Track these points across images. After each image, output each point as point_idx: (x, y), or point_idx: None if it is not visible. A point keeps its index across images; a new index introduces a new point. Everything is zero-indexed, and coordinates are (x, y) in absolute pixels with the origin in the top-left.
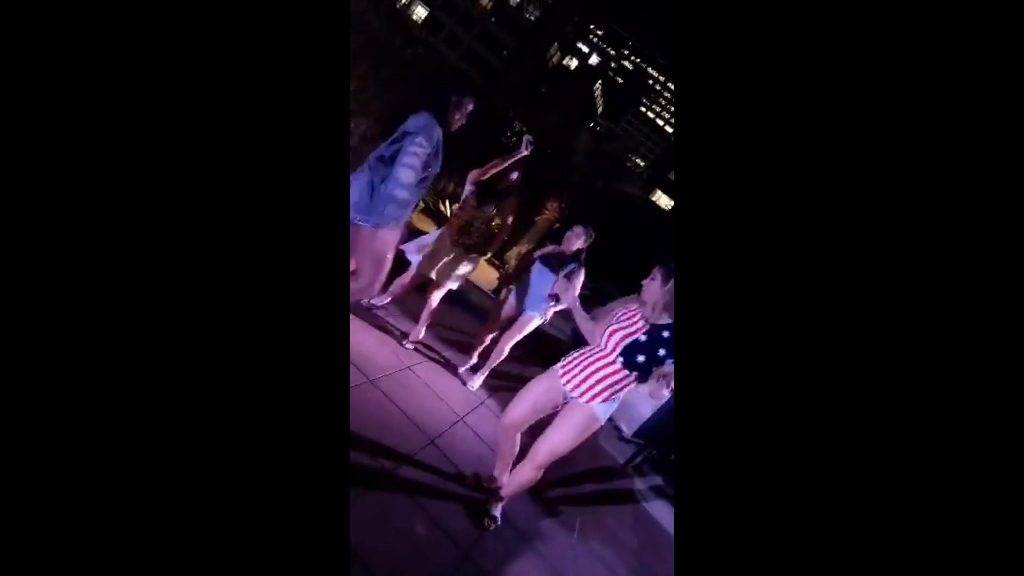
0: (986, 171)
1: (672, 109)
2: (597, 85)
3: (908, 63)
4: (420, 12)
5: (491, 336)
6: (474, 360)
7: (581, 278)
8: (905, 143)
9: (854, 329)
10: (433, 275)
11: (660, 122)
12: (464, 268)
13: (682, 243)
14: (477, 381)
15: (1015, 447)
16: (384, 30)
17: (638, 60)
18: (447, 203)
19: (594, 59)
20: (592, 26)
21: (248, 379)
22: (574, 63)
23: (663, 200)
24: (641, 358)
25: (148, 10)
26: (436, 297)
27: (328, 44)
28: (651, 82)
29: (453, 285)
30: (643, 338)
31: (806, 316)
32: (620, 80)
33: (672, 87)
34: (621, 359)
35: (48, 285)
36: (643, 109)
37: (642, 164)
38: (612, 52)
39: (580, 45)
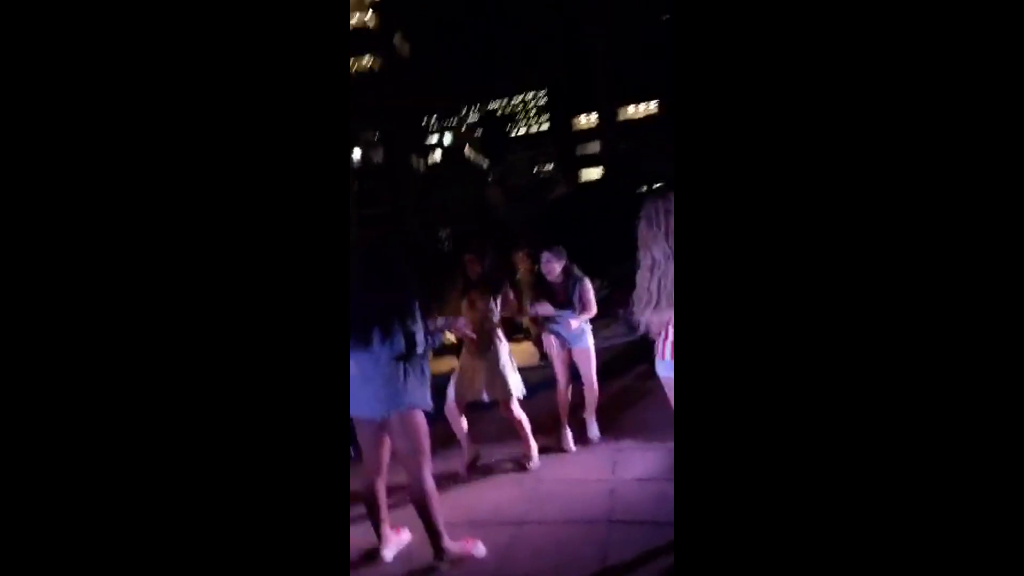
0: (985, 168)
1: (529, 113)
2: (466, 151)
3: (901, 50)
4: None
5: (568, 396)
6: (568, 430)
7: (589, 287)
8: (902, 136)
9: (855, 327)
10: (470, 394)
11: (534, 130)
12: (503, 362)
13: (683, 239)
14: (594, 429)
15: (1015, 447)
16: None
17: (474, 108)
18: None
19: (448, 139)
20: (424, 123)
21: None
22: (438, 154)
23: (593, 174)
24: None
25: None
26: (522, 415)
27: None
28: (496, 112)
29: (516, 392)
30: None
31: (808, 310)
32: (477, 134)
33: (513, 100)
34: None
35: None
36: (513, 135)
37: (549, 167)
38: (454, 123)
39: (428, 142)
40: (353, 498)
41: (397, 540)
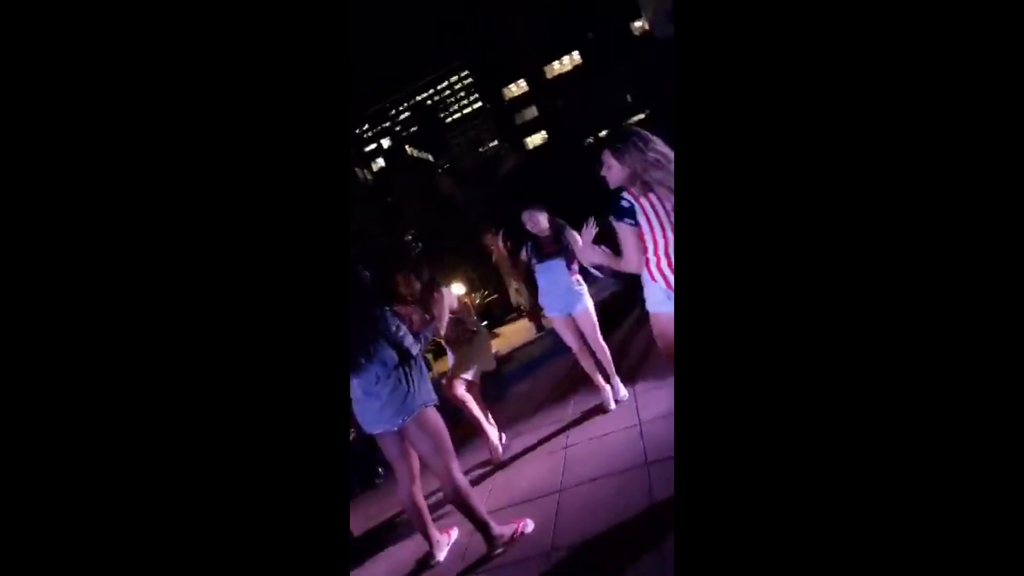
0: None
1: (458, 95)
2: (409, 151)
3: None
4: None
5: (588, 355)
6: (601, 382)
7: (575, 234)
8: (903, 142)
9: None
10: (470, 376)
11: (468, 110)
12: (479, 351)
13: (683, 237)
14: (621, 390)
15: (1015, 447)
16: None
17: (403, 108)
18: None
19: (386, 143)
20: (356, 131)
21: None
22: (381, 161)
23: (538, 139)
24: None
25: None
26: (467, 397)
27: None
28: (425, 102)
29: (469, 375)
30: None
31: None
32: (415, 129)
33: (438, 87)
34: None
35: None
36: (448, 120)
37: (494, 144)
38: (388, 124)
39: (366, 149)
40: (397, 511)
41: (448, 541)
